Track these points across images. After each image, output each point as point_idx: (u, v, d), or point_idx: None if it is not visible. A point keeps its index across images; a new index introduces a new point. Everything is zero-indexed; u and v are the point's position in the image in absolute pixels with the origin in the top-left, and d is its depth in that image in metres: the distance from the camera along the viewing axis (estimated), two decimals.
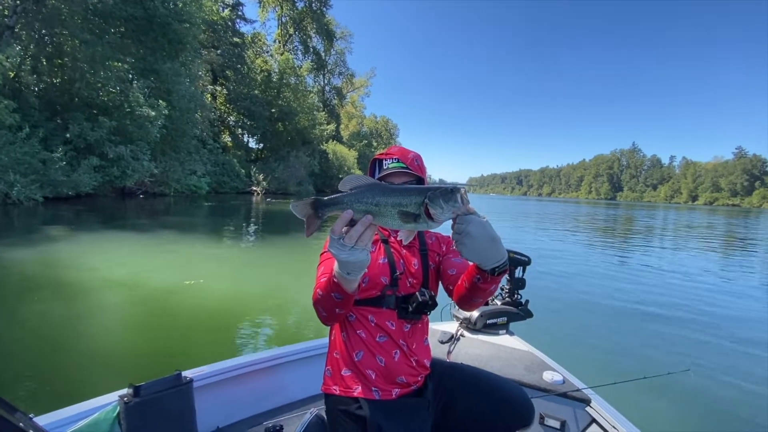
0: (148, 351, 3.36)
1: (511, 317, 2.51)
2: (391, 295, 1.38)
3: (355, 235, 0.96)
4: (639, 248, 11.85)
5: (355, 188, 0.98)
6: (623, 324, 4.74)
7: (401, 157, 1.45)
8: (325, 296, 1.17)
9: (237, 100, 35.41)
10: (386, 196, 0.96)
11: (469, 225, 0.96)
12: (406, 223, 0.97)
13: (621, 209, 54.61)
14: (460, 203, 0.96)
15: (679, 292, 6.35)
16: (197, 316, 4.18)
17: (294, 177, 37.96)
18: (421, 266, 1.45)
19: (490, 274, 1.08)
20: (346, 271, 1.02)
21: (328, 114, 53.83)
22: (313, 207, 1.00)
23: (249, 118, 36.59)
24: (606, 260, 9.30)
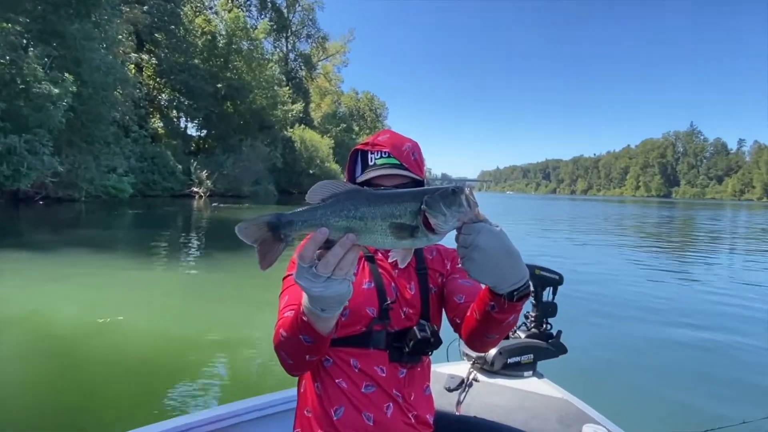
0: (45, 417, 3.27)
1: (539, 354, 2.51)
2: (380, 332, 1.38)
3: (332, 262, 0.93)
4: (702, 262, 12.08)
5: (329, 198, 0.97)
6: (685, 362, 4.80)
7: (393, 149, 1.44)
8: (291, 339, 1.15)
9: (171, 72, 35.28)
10: (373, 205, 0.95)
11: (478, 235, 0.95)
12: (400, 239, 0.96)
13: (678, 209, 55.89)
14: (466, 207, 0.96)
15: (759, 321, 6.47)
16: (116, 365, 4.10)
17: (249, 174, 37.93)
18: (418, 291, 1.44)
19: (508, 299, 1.06)
20: (319, 307, 1.01)
21: (294, 90, 53.97)
22: (270, 227, 0.96)
23: (187, 96, 36.48)
24: (660, 278, 9.48)
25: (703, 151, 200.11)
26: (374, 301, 1.38)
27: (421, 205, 0.95)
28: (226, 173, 36.15)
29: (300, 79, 61.01)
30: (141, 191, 28.87)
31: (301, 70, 62.16)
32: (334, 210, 0.95)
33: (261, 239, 0.96)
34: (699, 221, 31.19)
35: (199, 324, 5.38)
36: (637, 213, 42.94)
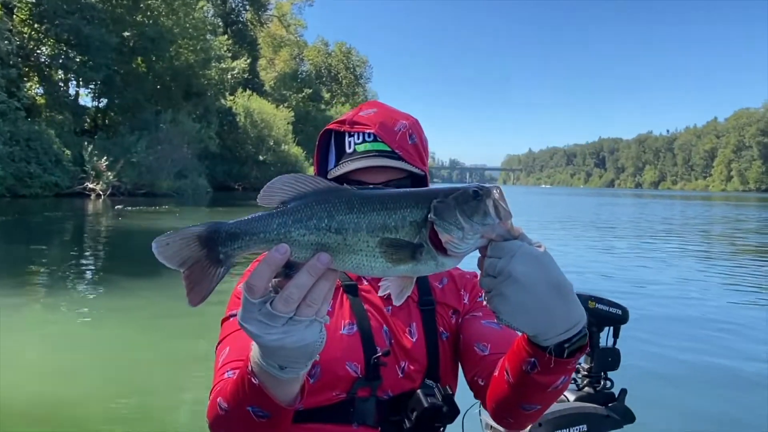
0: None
1: (595, 424, 2.51)
2: (367, 399, 1.37)
3: (296, 295, 0.89)
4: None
5: (293, 200, 0.95)
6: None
7: (381, 130, 1.45)
8: (235, 412, 1.12)
9: (54, 15, 35.14)
10: (356, 212, 0.93)
11: (512, 260, 0.93)
12: (396, 263, 0.94)
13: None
14: (494, 218, 0.94)
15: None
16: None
17: (169, 162, 37.89)
18: (423, 336, 1.44)
19: (556, 354, 1.03)
20: (277, 363, 0.97)
21: (235, 40, 54.06)
22: (204, 243, 0.93)
23: (79, 50, 36.36)
24: (759, 303, 9.64)
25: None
26: (358, 353, 1.37)
27: (427, 214, 0.93)
28: (136, 162, 36.08)
29: (243, 25, 61.19)
30: (11, 189, 28.71)
31: (246, 10, 62.38)
32: (298, 218, 0.92)
33: (190, 260, 0.93)
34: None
35: (94, 386, 5.34)
36: (728, 216, 43.62)
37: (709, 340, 7.51)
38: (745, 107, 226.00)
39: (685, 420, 5.02)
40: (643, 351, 6.48)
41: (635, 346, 6.36)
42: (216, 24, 50.86)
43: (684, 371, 6.24)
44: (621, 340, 2.66)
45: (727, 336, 7.86)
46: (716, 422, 5.00)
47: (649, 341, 7.02)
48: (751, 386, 5.75)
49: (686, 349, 7.02)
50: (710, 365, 6.45)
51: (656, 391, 5.36)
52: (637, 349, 6.26)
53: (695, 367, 6.41)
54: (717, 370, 6.25)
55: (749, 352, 7.09)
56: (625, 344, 2.67)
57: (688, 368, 6.39)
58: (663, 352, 6.77)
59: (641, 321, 7.67)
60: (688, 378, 6.10)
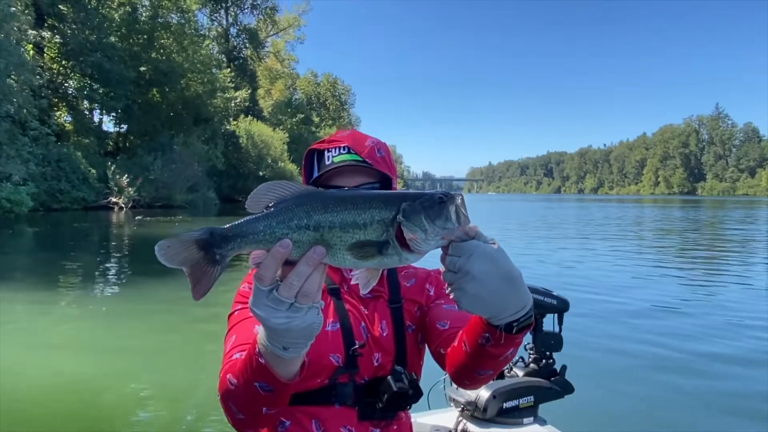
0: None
1: (540, 395, 2.54)
2: (346, 384, 1.38)
3: (297, 283, 0.90)
4: (736, 277, 12.28)
5: (275, 204, 0.93)
6: (720, 401, 4.91)
7: (354, 144, 1.46)
8: (243, 387, 1.11)
9: (80, 53, 34.59)
10: (331, 211, 0.92)
11: (470, 259, 0.93)
12: (363, 258, 0.94)
13: (704, 209, 57.64)
14: (454, 222, 0.94)
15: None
16: (16, 426, 3.99)
17: (182, 179, 37.41)
18: (392, 330, 1.45)
19: (506, 331, 1.06)
20: (281, 344, 0.97)
21: (237, 73, 53.61)
22: (201, 245, 0.92)
23: (101, 83, 35.82)
24: (685, 298, 9.58)
25: (731, 138, 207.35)
26: (339, 346, 1.38)
27: (396, 214, 0.93)
28: (154, 178, 35.61)
29: (244, 60, 60.65)
30: (44, 204, 28.19)
31: (246, 48, 61.77)
32: (281, 219, 0.92)
33: (190, 261, 0.93)
34: (729, 225, 32.17)
35: (121, 373, 5.31)
36: (655, 215, 44.11)
37: (636, 321, 7.55)
38: (669, 123, 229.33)
39: (619, 386, 5.09)
40: (582, 331, 6.52)
41: (575, 327, 6.39)
42: (220, 60, 50.48)
43: (617, 346, 6.28)
44: (564, 325, 2.69)
45: (653, 313, 7.97)
46: (642, 395, 5.01)
47: (587, 323, 7.05)
48: (675, 368, 5.77)
49: (618, 329, 7.06)
50: (638, 341, 6.50)
51: (592, 367, 5.40)
52: (577, 330, 6.28)
53: (627, 342, 6.45)
54: (646, 351, 6.26)
55: (670, 329, 7.13)
56: (567, 326, 2.70)
57: (620, 343, 6.44)
58: (599, 332, 6.80)
59: (581, 306, 7.67)
60: (621, 350, 6.16)
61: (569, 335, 2.75)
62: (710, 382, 5.34)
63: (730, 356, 6.08)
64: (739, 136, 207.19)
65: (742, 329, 7.26)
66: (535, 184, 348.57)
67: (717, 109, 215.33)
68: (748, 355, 6.13)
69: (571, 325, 2.84)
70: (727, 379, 5.40)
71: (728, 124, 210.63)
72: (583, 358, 5.50)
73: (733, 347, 6.43)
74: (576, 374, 2.70)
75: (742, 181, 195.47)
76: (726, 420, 4.45)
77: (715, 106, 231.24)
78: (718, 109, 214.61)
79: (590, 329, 6.85)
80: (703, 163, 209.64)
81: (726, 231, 26.58)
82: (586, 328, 6.83)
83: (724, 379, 5.42)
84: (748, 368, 5.71)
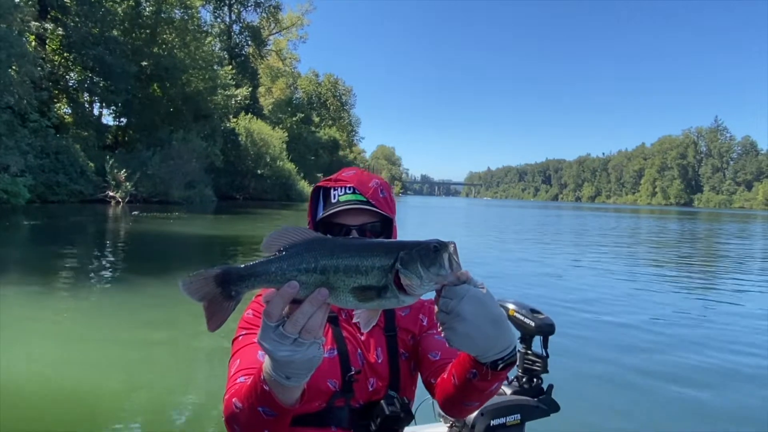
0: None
1: (527, 414, 2.57)
2: (342, 408, 1.44)
3: (302, 321, 0.98)
4: (728, 295, 12.26)
5: (286, 248, 1.02)
6: (707, 422, 4.94)
7: (359, 185, 1.52)
8: (247, 411, 1.17)
9: (82, 45, 34.53)
10: (335, 257, 1.00)
11: (462, 302, 1.01)
12: (364, 300, 1.01)
13: (700, 222, 57.77)
14: (447, 269, 1.01)
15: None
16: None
17: (180, 175, 37.35)
18: (386, 357, 1.51)
19: (492, 368, 1.14)
20: (284, 374, 1.04)
21: (238, 70, 53.54)
22: (219, 282, 1.00)
23: (102, 76, 35.72)
24: (676, 316, 9.49)
25: (729, 151, 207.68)
26: (336, 372, 1.44)
27: (395, 262, 1.00)
28: (151, 173, 35.52)
29: (246, 58, 60.60)
30: (41, 196, 28.08)
31: (248, 45, 61.74)
32: (291, 263, 0.99)
33: (208, 296, 1.00)
34: (724, 238, 32.27)
35: (116, 371, 5.29)
36: (650, 227, 44.18)
37: (623, 338, 7.54)
38: (668, 134, 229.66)
39: (602, 410, 5.10)
40: (569, 352, 6.48)
41: (562, 343, 6.42)
42: (222, 56, 50.44)
43: (603, 369, 6.24)
44: (551, 346, 2.71)
45: (640, 330, 7.96)
46: (628, 414, 5.07)
47: (573, 342, 7.01)
48: (663, 385, 5.81)
49: (604, 347, 7.06)
50: (627, 364, 6.44)
51: (578, 386, 5.42)
52: (565, 351, 6.30)
53: (613, 365, 6.41)
54: (633, 368, 6.27)
55: (657, 347, 7.15)
56: (555, 344, 2.73)
57: (606, 362, 6.44)
58: (586, 352, 6.77)
59: (568, 325, 7.71)
60: (606, 369, 6.17)
61: (556, 352, 2.81)
62: (699, 399, 5.38)
63: (719, 373, 6.13)
64: (737, 149, 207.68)
65: (731, 346, 7.30)
66: (532, 191, 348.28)
67: (716, 121, 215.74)
68: (739, 372, 6.17)
69: (559, 343, 2.88)
70: (716, 397, 5.45)
71: (726, 137, 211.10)
72: (569, 376, 5.52)
73: (723, 364, 6.46)
74: (562, 393, 2.74)
75: (739, 194, 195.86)
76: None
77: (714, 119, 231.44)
78: (717, 122, 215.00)
79: (577, 347, 6.85)
80: (700, 175, 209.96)
81: (720, 245, 26.68)
82: (574, 346, 6.83)
83: (712, 396, 5.47)
84: (738, 384, 5.77)
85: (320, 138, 76.19)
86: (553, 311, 2.79)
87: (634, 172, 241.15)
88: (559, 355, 2.88)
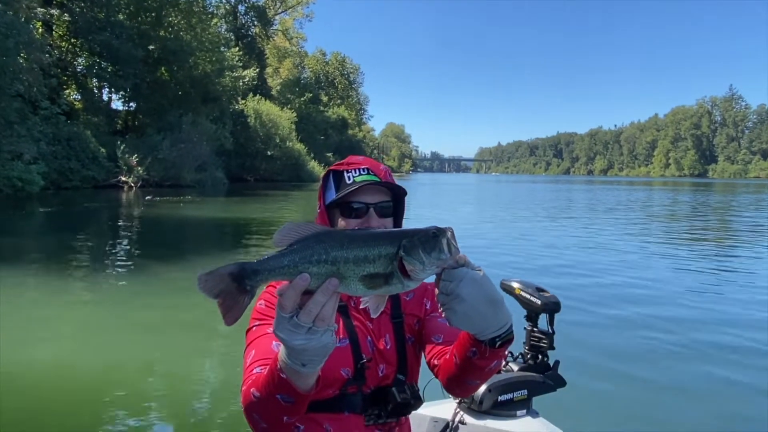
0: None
1: (534, 389, 2.64)
2: (354, 394, 1.50)
3: (314, 310, 1.02)
4: (742, 269, 12.10)
5: (296, 242, 1.06)
6: (709, 396, 4.98)
7: (372, 167, 1.59)
8: (266, 400, 1.22)
9: (88, 31, 34.52)
10: (345, 248, 1.05)
11: (460, 284, 1.07)
12: (373, 287, 1.07)
13: (714, 193, 56.98)
14: (447, 253, 1.06)
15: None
16: (23, 413, 4.08)
17: (191, 158, 37.49)
18: (394, 343, 1.57)
19: (490, 346, 1.22)
20: (300, 361, 1.09)
21: (245, 51, 53.23)
22: (234, 278, 1.05)
23: (110, 61, 35.74)
24: (685, 292, 9.37)
25: (744, 120, 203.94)
26: (348, 360, 1.50)
27: (398, 250, 1.05)
28: (162, 158, 35.68)
29: (252, 38, 60.22)
30: (55, 183, 28.35)
31: (254, 26, 61.28)
32: (303, 255, 1.04)
33: (224, 292, 1.05)
34: (737, 208, 31.90)
35: (133, 356, 5.36)
36: (662, 199, 43.72)
37: (630, 314, 7.50)
38: (681, 104, 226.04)
39: (608, 385, 5.15)
40: (575, 329, 6.48)
41: (569, 320, 6.36)
42: (228, 38, 50.09)
43: (609, 344, 6.25)
44: (557, 322, 2.75)
45: (647, 306, 7.95)
46: (634, 387, 5.11)
47: (582, 319, 7.01)
48: (668, 361, 5.83)
49: (611, 324, 7.06)
50: (633, 340, 6.43)
51: (585, 362, 5.43)
52: (571, 327, 6.29)
53: (619, 341, 6.43)
54: (639, 344, 6.27)
55: (664, 323, 7.12)
56: (561, 320, 2.78)
57: (613, 338, 6.47)
58: (592, 328, 6.79)
59: (577, 299, 7.71)
60: (613, 345, 6.21)
61: (563, 328, 2.86)
62: (702, 374, 5.41)
63: (729, 348, 6.13)
64: (752, 118, 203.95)
65: (742, 321, 7.30)
66: (544, 165, 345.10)
67: (731, 89, 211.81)
68: (742, 346, 6.18)
69: (566, 319, 2.93)
70: (719, 371, 5.46)
71: (741, 105, 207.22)
72: (576, 352, 5.55)
73: (734, 339, 6.46)
74: (569, 369, 2.80)
75: (754, 163, 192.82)
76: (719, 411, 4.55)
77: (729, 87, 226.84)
78: (732, 90, 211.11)
79: (584, 323, 6.86)
80: (714, 145, 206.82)
81: (733, 219, 26.34)
82: (580, 322, 6.83)
83: (716, 370, 5.48)
84: (743, 359, 5.78)
85: (329, 117, 75.91)
86: (561, 287, 2.83)
87: (647, 144, 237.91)
88: (565, 332, 2.92)
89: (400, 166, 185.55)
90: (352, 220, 1.53)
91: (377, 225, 1.51)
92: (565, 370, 2.76)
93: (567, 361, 2.85)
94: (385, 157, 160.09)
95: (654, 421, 4.38)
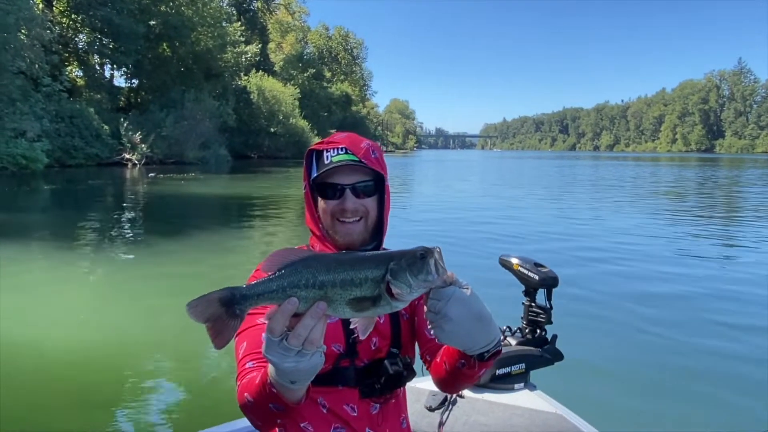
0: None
1: (531, 363, 2.68)
2: (347, 368, 1.51)
3: (303, 333, 1.05)
4: (746, 245, 12.12)
5: (285, 267, 1.09)
6: (705, 371, 4.97)
7: (351, 146, 1.55)
8: (258, 406, 1.28)
9: (89, 6, 34.20)
10: (331, 272, 1.07)
11: (448, 304, 1.09)
12: (360, 310, 1.09)
13: (721, 168, 56.52)
14: (434, 275, 1.08)
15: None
16: (27, 390, 4.12)
17: (194, 135, 37.42)
18: (388, 318, 1.56)
19: (478, 359, 1.25)
20: (288, 380, 1.13)
21: (247, 26, 52.68)
22: (223, 303, 1.07)
23: (111, 37, 35.48)
24: (687, 268, 9.35)
25: (753, 94, 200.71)
26: (340, 336, 1.51)
27: (385, 274, 1.07)
28: (165, 135, 35.66)
29: (254, 13, 59.62)
30: (59, 160, 28.39)
31: (256, 0, 60.56)
32: (291, 281, 1.06)
33: (213, 317, 1.08)
34: (745, 183, 31.68)
35: (137, 334, 5.39)
36: (668, 175, 43.44)
37: (629, 289, 7.51)
38: (689, 78, 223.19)
39: (607, 354, 5.21)
40: (574, 302, 6.49)
41: (566, 294, 6.39)
42: (230, 13, 49.56)
43: (606, 318, 6.27)
44: (555, 298, 2.79)
45: (646, 281, 7.95)
46: (631, 361, 5.16)
47: (580, 294, 7.00)
48: (665, 336, 5.83)
49: (609, 298, 7.07)
50: (630, 315, 6.41)
51: (583, 336, 5.45)
52: (569, 297, 6.32)
53: (618, 311, 6.48)
54: (636, 320, 6.26)
55: (662, 299, 7.11)
56: (560, 295, 2.81)
57: (611, 312, 6.49)
58: (590, 303, 6.78)
59: (573, 276, 7.64)
60: (611, 319, 6.24)
61: (561, 303, 2.86)
62: (702, 347, 5.44)
63: (723, 323, 6.13)
64: (761, 92, 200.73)
65: (744, 296, 7.30)
66: (549, 141, 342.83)
67: (739, 63, 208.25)
68: (743, 322, 6.18)
69: (564, 293, 2.94)
70: (719, 344, 5.50)
71: (750, 79, 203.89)
72: (574, 326, 5.53)
73: (730, 313, 6.48)
74: (566, 342, 2.82)
75: (762, 138, 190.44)
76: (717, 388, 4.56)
77: (738, 61, 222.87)
78: (741, 64, 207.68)
79: (582, 297, 6.85)
80: (722, 120, 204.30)
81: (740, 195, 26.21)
82: (578, 296, 6.83)
83: (716, 343, 5.52)
84: (744, 335, 5.80)
85: (332, 93, 75.33)
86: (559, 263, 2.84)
87: (654, 119, 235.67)
88: (563, 307, 2.94)
89: (405, 143, 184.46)
90: (330, 201, 1.53)
91: (354, 206, 1.50)
92: (562, 344, 2.80)
93: (565, 336, 2.88)
94: (389, 134, 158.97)
95: (651, 393, 4.42)
